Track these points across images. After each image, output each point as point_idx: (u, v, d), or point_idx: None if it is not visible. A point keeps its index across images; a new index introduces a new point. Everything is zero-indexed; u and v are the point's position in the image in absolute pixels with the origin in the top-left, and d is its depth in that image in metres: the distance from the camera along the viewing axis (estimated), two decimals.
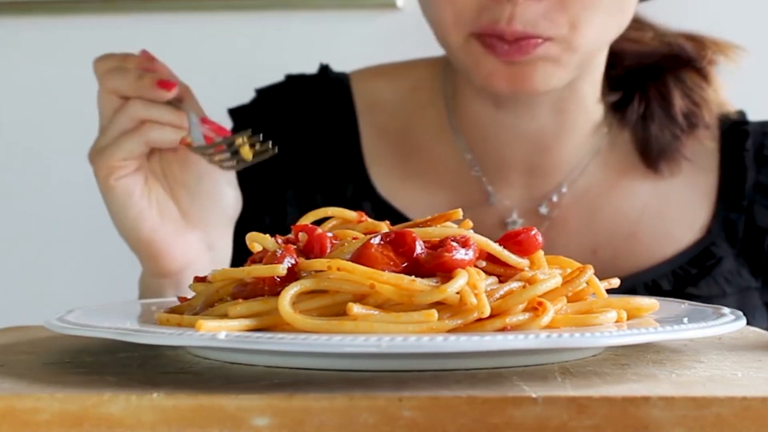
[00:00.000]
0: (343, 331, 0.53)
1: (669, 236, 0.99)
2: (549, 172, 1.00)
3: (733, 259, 0.99)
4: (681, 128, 1.01)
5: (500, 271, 0.60)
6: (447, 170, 1.02)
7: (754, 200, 1.01)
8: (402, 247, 0.57)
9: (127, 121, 0.81)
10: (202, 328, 0.53)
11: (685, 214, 1.00)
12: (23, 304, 1.33)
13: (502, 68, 0.89)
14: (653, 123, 1.01)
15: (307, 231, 0.60)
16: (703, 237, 0.99)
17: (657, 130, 1.00)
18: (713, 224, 1.00)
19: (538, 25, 0.86)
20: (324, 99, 1.06)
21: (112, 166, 0.82)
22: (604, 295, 0.63)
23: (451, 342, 0.50)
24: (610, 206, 1.00)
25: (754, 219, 1.00)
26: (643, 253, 0.98)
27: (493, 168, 1.00)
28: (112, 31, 1.59)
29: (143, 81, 0.81)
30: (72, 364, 0.57)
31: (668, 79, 1.02)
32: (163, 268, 0.86)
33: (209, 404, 0.47)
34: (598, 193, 1.00)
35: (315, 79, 1.08)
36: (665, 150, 1.00)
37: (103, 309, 0.68)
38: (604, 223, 0.99)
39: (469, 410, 0.47)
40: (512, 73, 0.89)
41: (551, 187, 1.00)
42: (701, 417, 0.47)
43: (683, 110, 1.01)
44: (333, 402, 0.47)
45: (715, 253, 0.98)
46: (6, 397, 0.48)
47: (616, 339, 0.53)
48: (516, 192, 1.00)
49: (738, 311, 0.62)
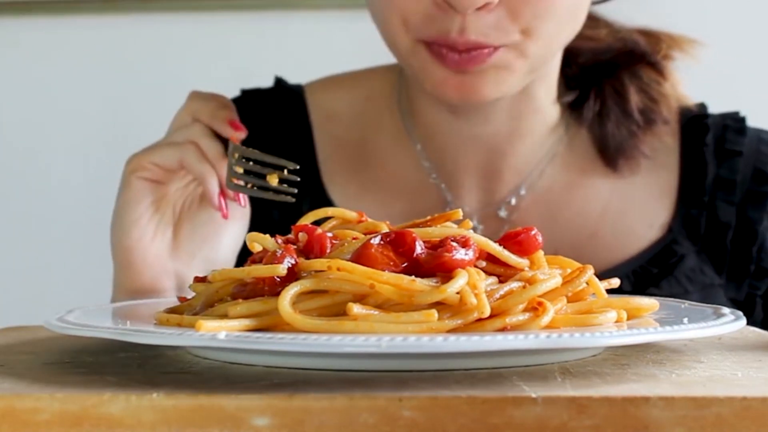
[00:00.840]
0: (343, 331, 0.53)
1: (630, 235, 0.98)
2: (506, 176, 0.99)
3: (695, 257, 0.98)
4: (638, 124, 0.99)
5: (500, 271, 0.60)
6: (405, 179, 1.00)
7: (715, 196, 0.99)
8: (402, 247, 0.57)
9: (180, 136, 0.83)
10: (202, 328, 0.53)
11: (646, 212, 0.99)
12: (23, 304, 1.33)
13: (451, 77, 0.86)
14: (609, 120, 0.99)
15: (307, 231, 0.60)
16: (665, 235, 0.98)
17: (613, 127, 0.99)
18: (674, 221, 0.98)
19: (490, 35, 0.84)
20: (279, 112, 1.05)
21: (141, 164, 0.83)
22: (604, 295, 0.63)
23: (451, 342, 0.50)
24: (571, 207, 0.99)
25: (716, 215, 0.99)
26: (604, 252, 0.97)
27: (451, 174, 0.99)
28: (112, 31, 1.59)
29: (220, 112, 0.84)
30: (72, 364, 0.57)
31: (623, 75, 1.01)
32: (131, 284, 0.85)
33: (209, 404, 0.47)
34: (558, 194, 0.99)
35: (270, 93, 1.07)
36: (623, 147, 0.99)
37: (103, 309, 0.68)
38: (564, 223, 0.98)
39: (469, 410, 0.47)
40: (462, 82, 0.86)
41: (509, 191, 0.99)
42: (701, 417, 0.47)
43: (639, 106, 1.00)
44: (333, 402, 0.47)
45: (677, 251, 0.97)
46: (6, 397, 0.48)
47: (616, 339, 0.53)
48: (474, 197, 0.99)
49: (738, 311, 0.62)
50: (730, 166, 1.00)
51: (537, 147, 0.99)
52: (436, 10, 0.84)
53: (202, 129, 0.83)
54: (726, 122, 1.03)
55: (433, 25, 0.84)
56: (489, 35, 0.84)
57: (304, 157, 1.01)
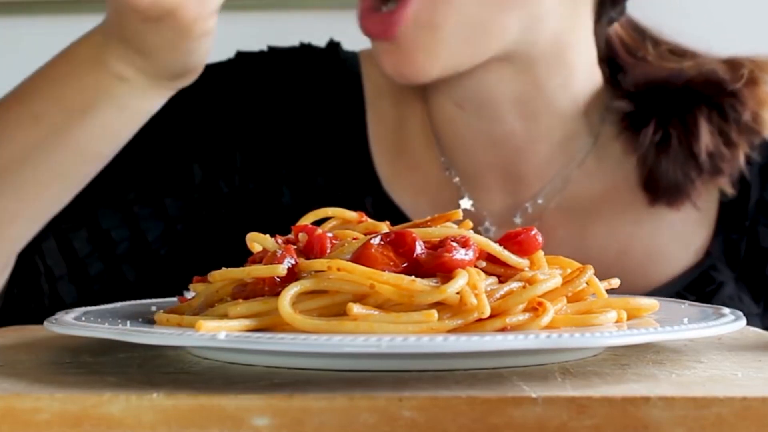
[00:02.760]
0: (343, 331, 0.53)
1: (665, 256, 0.92)
2: (525, 180, 0.95)
3: (734, 284, 0.93)
4: (700, 170, 0.91)
5: (500, 271, 0.60)
6: (428, 173, 0.97)
7: (758, 220, 0.94)
8: (402, 247, 0.57)
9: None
10: (202, 328, 0.53)
11: (683, 233, 0.93)
12: None
13: (385, 52, 0.86)
14: (667, 157, 0.91)
15: (307, 231, 0.60)
16: (702, 260, 0.92)
17: (670, 165, 0.91)
18: (713, 245, 0.93)
19: None
20: (333, 76, 1.00)
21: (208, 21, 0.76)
22: (604, 295, 0.63)
23: (451, 342, 0.50)
24: (598, 220, 0.94)
25: (758, 240, 0.93)
26: (637, 273, 0.91)
27: (469, 173, 0.96)
28: None
29: None
30: (72, 364, 0.57)
31: (697, 111, 0.92)
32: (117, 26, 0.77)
33: (209, 404, 0.47)
34: (585, 206, 0.94)
35: (325, 53, 1.02)
36: (672, 190, 0.91)
37: (103, 309, 0.68)
38: (592, 237, 0.93)
39: (469, 410, 0.47)
40: (395, 55, 0.86)
41: (528, 197, 0.95)
42: (701, 417, 0.47)
43: (709, 149, 0.90)
44: (333, 402, 0.47)
45: (715, 278, 0.91)
46: (6, 397, 0.48)
47: (616, 339, 0.53)
48: (493, 199, 0.96)
49: (738, 311, 0.62)
50: None
51: (559, 151, 0.95)
52: None
53: None
54: None
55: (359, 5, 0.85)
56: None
57: (356, 137, 0.98)
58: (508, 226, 0.93)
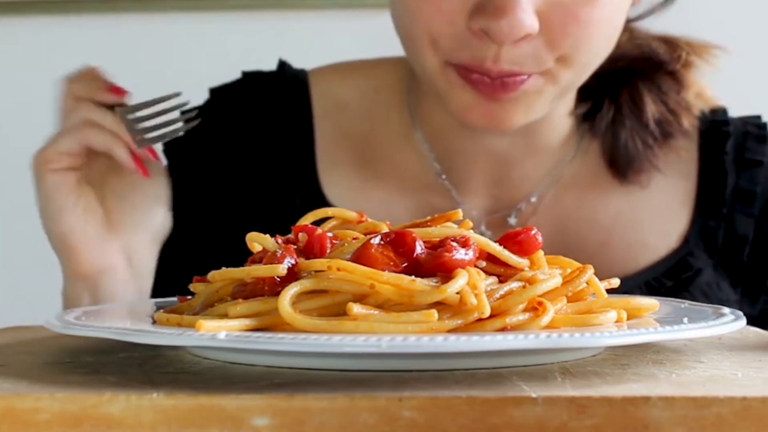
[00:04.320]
0: (343, 331, 0.53)
1: (643, 245, 0.94)
2: (517, 184, 0.96)
3: (712, 271, 0.94)
4: (653, 136, 0.95)
5: (500, 271, 0.60)
6: (411, 177, 0.97)
7: (734, 207, 0.96)
8: (402, 247, 0.57)
9: (73, 120, 0.84)
10: (202, 328, 0.53)
11: (660, 221, 0.95)
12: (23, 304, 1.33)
13: (480, 104, 0.84)
14: (623, 130, 0.95)
15: (307, 231, 0.60)
16: (680, 246, 0.95)
17: (627, 138, 0.95)
18: (691, 233, 0.95)
19: (525, 64, 0.81)
20: (280, 98, 1.01)
21: (47, 158, 0.84)
22: (604, 295, 0.63)
23: (451, 342, 0.50)
24: (580, 216, 0.96)
25: (734, 227, 0.96)
26: (616, 262, 0.93)
27: (460, 177, 0.96)
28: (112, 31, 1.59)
29: (96, 84, 0.84)
30: (72, 364, 0.57)
31: (640, 84, 0.96)
32: (78, 268, 0.86)
33: (209, 404, 0.47)
34: (568, 204, 0.96)
35: (272, 77, 1.03)
36: (634, 159, 0.95)
37: (103, 309, 0.68)
38: (574, 233, 0.95)
39: (469, 410, 0.47)
40: (491, 110, 0.84)
41: (520, 198, 0.96)
42: (701, 417, 0.47)
43: (656, 117, 0.95)
44: (333, 402, 0.47)
45: (693, 264, 0.94)
46: (6, 397, 0.48)
47: (616, 339, 0.53)
48: (483, 202, 0.96)
49: (738, 311, 0.62)
50: (750, 177, 0.97)
51: (549, 157, 0.97)
52: (470, 35, 0.81)
53: (88, 106, 0.84)
54: (747, 129, 0.99)
55: (466, 50, 0.82)
56: (524, 64, 0.81)
57: (302, 147, 0.99)
58: (502, 227, 0.94)
